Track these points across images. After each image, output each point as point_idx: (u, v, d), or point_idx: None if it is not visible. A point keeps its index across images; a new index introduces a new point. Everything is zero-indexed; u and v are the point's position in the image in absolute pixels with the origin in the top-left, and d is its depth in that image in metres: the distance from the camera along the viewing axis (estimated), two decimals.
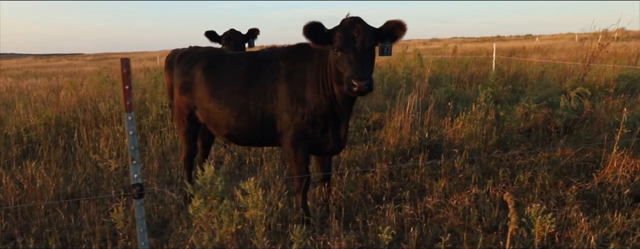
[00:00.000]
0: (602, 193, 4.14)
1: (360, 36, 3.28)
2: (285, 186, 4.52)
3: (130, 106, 2.25)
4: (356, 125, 6.97)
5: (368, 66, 3.34)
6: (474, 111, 6.37)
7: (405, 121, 6.37)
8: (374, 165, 5.03)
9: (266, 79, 3.83)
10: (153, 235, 3.83)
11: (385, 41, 3.50)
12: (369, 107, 7.92)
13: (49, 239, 3.54)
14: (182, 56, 4.52)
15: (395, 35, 3.47)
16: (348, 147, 5.84)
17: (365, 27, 3.35)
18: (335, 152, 3.99)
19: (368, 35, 3.32)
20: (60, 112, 8.27)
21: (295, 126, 3.71)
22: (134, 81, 11.68)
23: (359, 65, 3.23)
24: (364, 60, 3.28)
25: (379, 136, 6.25)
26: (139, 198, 2.39)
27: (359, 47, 3.27)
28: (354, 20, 3.37)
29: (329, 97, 3.59)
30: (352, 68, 3.22)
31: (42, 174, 4.72)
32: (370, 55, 3.39)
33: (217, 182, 2.66)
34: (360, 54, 3.27)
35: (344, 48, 3.28)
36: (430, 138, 5.78)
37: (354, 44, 3.27)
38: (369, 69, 3.36)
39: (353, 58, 3.25)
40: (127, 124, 2.31)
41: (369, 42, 3.33)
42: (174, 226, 3.91)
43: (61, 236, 3.72)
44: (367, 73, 3.25)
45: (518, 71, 12.46)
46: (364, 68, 3.24)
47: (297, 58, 3.75)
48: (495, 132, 5.87)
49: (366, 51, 3.31)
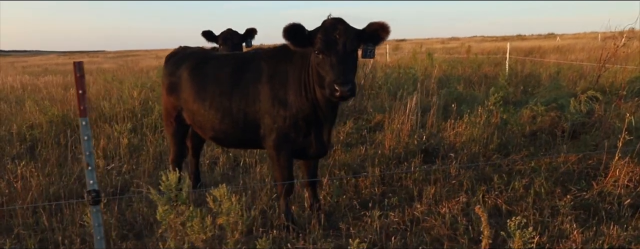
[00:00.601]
0: (601, 203, 3.94)
1: (342, 38, 3.16)
2: (275, 189, 4.43)
3: (84, 110, 2.19)
4: (357, 127, 6.85)
5: (350, 69, 3.22)
6: (478, 113, 6.19)
7: (405, 123, 6.24)
8: (367, 169, 4.91)
9: (249, 81, 3.75)
10: (136, 238, 3.80)
11: (368, 43, 3.38)
12: (372, 109, 7.77)
13: (28, 240, 3.53)
14: (171, 57, 4.48)
15: (378, 37, 3.35)
16: (344, 150, 5.74)
17: (347, 29, 3.23)
18: (319, 156, 3.89)
19: (350, 37, 3.20)
20: (67, 110, 8.37)
21: (277, 129, 3.62)
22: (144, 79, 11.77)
23: (340, 68, 3.11)
24: (346, 64, 3.16)
25: (378, 139, 6.11)
26: (94, 205, 2.33)
27: (341, 49, 3.15)
28: (336, 21, 3.26)
29: (311, 100, 3.48)
30: (334, 72, 3.10)
31: (33, 173, 4.74)
32: (353, 58, 3.27)
33: (182, 188, 2.59)
34: (342, 56, 3.15)
35: (326, 50, 3.16)
36: (428, 141, 5.62)
37: (336, 47, 3.15)
38: (352, 72, 3.25)
39: (335, 61, 3.13)
40: (82, 129, 2.25)
41: (351, 44, 3.21)
42: (156, 229, 3.87)
43: (42, 237, 3.71)
44: (349, 77, 3.13)
45: (532, 71, 12.13)
46: (346, 72, 3.12)
47: (280, 59, 3.65)
48: (497, 136, 5.67)
49: (348, 54, 3.19)
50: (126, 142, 6.20)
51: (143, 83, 9.77)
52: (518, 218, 2.77)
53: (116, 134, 6.31)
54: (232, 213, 2.97)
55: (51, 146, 6.27)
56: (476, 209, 2.50)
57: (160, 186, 2.71)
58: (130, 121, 7.31)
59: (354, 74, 3.33)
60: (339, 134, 6.40)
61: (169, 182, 2.61)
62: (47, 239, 3.69)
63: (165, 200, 2.63)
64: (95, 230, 2.36)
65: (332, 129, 3.78)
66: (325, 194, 4.33)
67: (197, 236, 2.86)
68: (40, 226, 3.88)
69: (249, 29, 6.23)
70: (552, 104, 7.20)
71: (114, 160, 5.83)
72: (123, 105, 8.14)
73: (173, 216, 2.66)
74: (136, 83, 9.38)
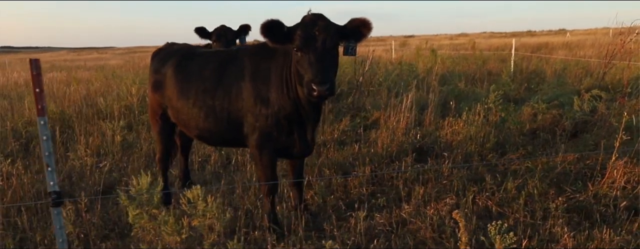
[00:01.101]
0: (596, 205, 3.80)
1: (321, 35, 3.05)
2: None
3: (42, 110, 2.12)
4: (353, 124, 6.74)
5: (330, 68, 3.11)
6: (477, 110, 6.05)
7: (400, 121, 6.12)
8: (358, 168, 4.81)
9: (231, 78, 3.66)
10: (118, 238, 3.74)
11: (350, 40, 3.27)
12: (370, 106, 7.65)
13: (6, 240, 3.49)
14: (156, 54, 4.40)
15: (360, 33, 3.23)
16: (337, 148, 5.64)
17: (328, 25, 3.12)
18: (303, 156, 3.79)
19: (330, 34, 3.09)
20: (66, 106, 8.36)
21: (259, 128, 3.54)
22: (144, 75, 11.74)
23: (319, 67, 3.00)
24: (326, 62, 3.05)
25: (373, 137, 6.00)
26: (56, 207, 2.27)
27: (320, 46, 3.04)
28: (316, 17, 3.15)
29: (293, 99, 3.38)
30: (312, 70, 2.99)
31: (20, 171, 4.71)
32: (332, 55, 3.16)
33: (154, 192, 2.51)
34: (322, 54, 3.04)
35: (304, 48, 3.05)
36: (422, 140, 5.50)
37: (315, 43, 3.04)
38: (331, 71, 3.14)
39: (313, 59, 3.02)
40: (40, 128, 2.18)
41: (331, 41, 3.10)
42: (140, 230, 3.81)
43: (22, 236, 3.66)
44: (328, 76, 3.02)
45: (538, 68, 11.90)
46: (324, 71, 3.01)
47: (263, 56, 3.56)
48: (495, 135, 5.53)
49: (328, 51, 3.08)
50: (119, 139, 6.16)
51: (142, 79, 9.73)
52: (499, 223, 2.65)
53: (109, 131, 6.26)
54: (209, 214, 2.89)
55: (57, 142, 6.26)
56: (454, 215, 2.38)
57: (130, 190, 2.64)
58: (127, 118, 7.28)
59: (334, 72, 3.22)
60: (333, 132, 6.31)
61: (139, 187, 2.54)
62: (27, 239, 3.64)
63: (136, 204, 2.55)
64: (56, 233, 2.29)
65: (316, 127, 3.68)
66: (313, 194, 4.24)
67: (171, 238, 2.79)
68: (22, 225, 3.84)
69: (243, 26, 6.13)
70: (554, 101, 7.04)
71: (106, 158, 5.81)
72: (121, 102, 8.11)
73: (144, 220, 2.58)
74: (135, 79, 9.34)
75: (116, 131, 6.26)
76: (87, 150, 5.42)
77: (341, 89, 8.57)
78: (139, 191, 2.54)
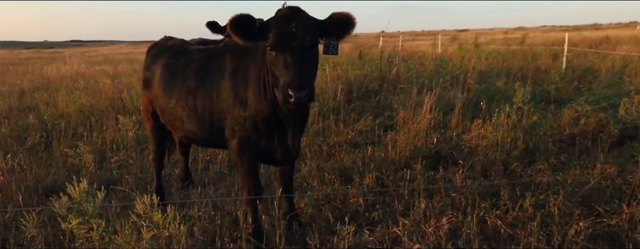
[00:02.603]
0: (631, 232, 3.21)
1: (299, 32, 2.68)
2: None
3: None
4: (373, 125, 6.32)
5: (308, 70, 2.75)
6: (507, 112, 5.46)
7: (420, 123, 5.64)
8: (364, 175, 4.42)
9: (213, 77, 3.39)
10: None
11: (331, 37, 2.90)
12: (396, 104, 7.17)
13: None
14: (150, 49, 4.23)
15: (342, 30, 2.85)
16: (349, 151, 5.26)
17: (306, 21, 2.76)
18: (286, 162, 3.45)
19: (309, 31, 2.73)
20: (97, 100, 8.50)
21: (238, 131, 3.25)
22: None
23: (296, 69, 2.63)
24: (304, 63, 2.69)
25: (391, 139, 5.55)
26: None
27: (298, 45, 2.68)
28: (292, 11, 2.78)
29: (270, 101, 3.03)
30: (289, 73, 2.63)
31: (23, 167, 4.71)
32: (312, 55, 2.80)
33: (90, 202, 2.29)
34: (299, 54, 2.68)
35: (279, 47, 2.69)
36: (439, 144, 5.01)
37: (291, 42, 2.67)
38: (310, 73, 2.78)
39: (290, 60, 2.65)
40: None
41: (310, 39, 2.74)
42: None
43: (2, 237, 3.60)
44: (306, 80, 2.67)
45: (594, 64, 10.85)
46: (302, 74, 2.65)
47: (244, 53, 3.24)
48: (524, 141, 4.94)
49: (306, 51, 2.72)
50: (132, 135, 6.11)
51: None
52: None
53: (123, 126, 6.22)
54: (172, 226, 2.65)
55: (69, 136, 6.32)
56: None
57: (72, 197, 2.43)
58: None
59: (314, 74, 2.86)
60: (348, 133, 5.93)
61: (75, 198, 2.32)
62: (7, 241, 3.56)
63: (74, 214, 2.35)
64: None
65: (301, 132, 3.34)
66: (305, 203, 3.91)
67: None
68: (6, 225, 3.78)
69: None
70: (603, 103, 6.26)
71: (118, 154, 5.75)
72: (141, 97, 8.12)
73: (84, 231, 2.37)
74: None
75: (130, 126, 6.20)
76: (87, 146, 5.32)
77: (368, 86, 8.14)
78: (74, 201, 2.33)
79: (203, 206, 4.11)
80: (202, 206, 4.11)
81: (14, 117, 7.62)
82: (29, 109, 8.55)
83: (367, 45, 20.15)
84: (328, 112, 6.89)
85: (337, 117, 6.58)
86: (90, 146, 5.85)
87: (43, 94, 9.99)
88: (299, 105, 2.73)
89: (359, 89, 8.22)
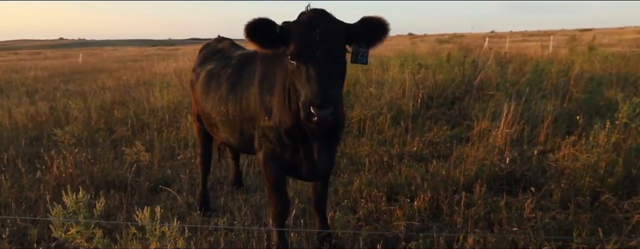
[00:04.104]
0: None
1: (324, 39, 2.33)
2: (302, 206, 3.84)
3: None
4: (446, 136, 5.73)
5: (334, 84, 2.39)
6: (608, 129, 4.57)
7: (498, 137, 4.97)
8: (417, 194, 3.95)
9: (244, 83, 3.22)
10: None
11: (360, 44, 2.53)
12: (479, 114, 6.45)
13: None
14: (201, 50, 4.20)
15: (374, 37, 2.49)
16: (410, 165, 4.77)
17: (333, 26, 2.41)
18: (312, 178, 3.13)
19: (336, 39, 2.39)
20: (184, 97, 8.91)
21: (264, 142, 3.02)
22: None
23: (320, 83, 2.28)
24: (329, 76, 2.33)
25: (462, 153, 4.95)
26: None
27: (323, 56, 2.32)
28: (317, 14, 2.44)
29: (295, 112, 2.73)
30: (311, 88, 2.29)
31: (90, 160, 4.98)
32: (339, 66, 2.44)
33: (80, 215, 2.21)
34: (324, 66, 2.32)
35: (301, 57, 2.36)
36: (513, 165, 4.32)
37: (315, 52, 2.32)
38: (336, 88, 2.42)
39: (313, 73, 2.30)
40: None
41: (337, 48, 2.39)
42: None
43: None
44: (331, 96, 2.29)
45: None
46: (326, 89, 2.29)
47: (272, 59, 2.98)
48: (623, 166, 4.07)
49: (332, 62, 2.37)
50: None
51: None
52: None
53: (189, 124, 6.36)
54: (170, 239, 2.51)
55: (155, 131, 6.62)
56: None
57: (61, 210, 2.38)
58: None
59: (340, 89, 2.51)
60: (413, 144, 5.42)
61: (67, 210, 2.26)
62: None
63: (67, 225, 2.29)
64: None
65: (331, 147, 2.99)
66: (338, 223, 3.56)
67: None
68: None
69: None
70: None
71: (185, 151, 5.89)
72: None
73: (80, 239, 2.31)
74: None
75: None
76: (143, 145, 5.46)
77: (454, 91, 7.44)
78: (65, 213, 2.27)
79: (244, 214, 4.01)
80: (241, 214, 4.01)
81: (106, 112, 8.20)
82: (125, 104, 9.22)
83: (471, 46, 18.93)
84: (402, 119, 6.41)
85: (412, 124, 6.09)
86: (161, 142, 6.11)
87: (142, 90, 10.77)
88: (323, 125, 2.38)
89: (441, 94, 7.58)
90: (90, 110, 7.99)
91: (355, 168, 4.87)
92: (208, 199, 4.24)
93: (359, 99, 7.25)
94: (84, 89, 11.67)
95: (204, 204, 4.15)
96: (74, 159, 4.85)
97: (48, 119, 7.65)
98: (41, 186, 4.43)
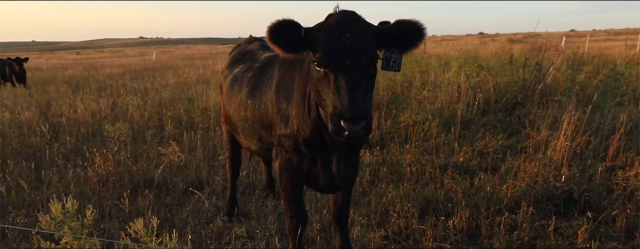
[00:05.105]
0: None
1: (355, 46, 2.10)
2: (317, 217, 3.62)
3: None
4: (498, 145, 5.23)
5: (365, 95, 2.13)
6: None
7: (557, 151, 4.44)
8: (453, 211, 3.59)
9: (262, 88, 3.05)
10: None
11: (392, 50, 2.26)
12: (539, 120, 5.84)
13: None
14: (232, 50, 4.10)
15: (408, 42, 2.22)
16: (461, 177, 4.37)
17: (364, 31, 2.15)
18: (330, 191, 2.89)
19: (368, 45, 2.14)
20: None
21: (280, 151, 2.84)
22: None
23: (351, 95, 2.04)
24: (360, 86, 2.09)
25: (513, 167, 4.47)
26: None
27: (353, 64, 2.09)
28: (347, 16, 2.19)
29: (314, 120, 2.53)
30: (341, 100, 2.05)
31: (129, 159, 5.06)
32: (369, 75, 2.19)
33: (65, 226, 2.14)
34: (355, 75, 2.09)
35: (330, 65, 2.12)
36: (568, 183, 3.80)
37: (345, 59, 2.09)
38: (367, 99, 2.16)
39: (343, 83, 2.07)
40: None
41: (369, 55, 2.15)
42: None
43: None
44: (363, 108, 2.05)
45: None
46: (359, 100, 2.04)
47: (291, 63, 2.78)
48: None
49: (363, 70, 2.14)
50: None
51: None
52: None
53: None
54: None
55: (201, 130, 6.70)
56: None
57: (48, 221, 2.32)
58: None
59: (371, 99, 2.25)
60: (460, 154, 4.99)
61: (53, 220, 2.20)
62: None
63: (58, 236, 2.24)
64: None
65: (353, 156, 2.74)
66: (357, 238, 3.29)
67: None
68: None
69: None
70: None
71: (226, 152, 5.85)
72: None
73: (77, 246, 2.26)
74: None
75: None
76: (188, 144, 5.46)
77: (507, 97, 6.86)
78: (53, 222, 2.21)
79: (269, 222, 3.86)
80: (267, 222, 3.87)
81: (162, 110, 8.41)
82: (181, 101, 9.45)
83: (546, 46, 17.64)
84: (454, 125, 5.95)
85: (464, 131, 5.65)
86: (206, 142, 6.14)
87: (199, 88, 11.03)
88: (354, 140, 2.12)
89: (500, 99, 7.01)
90: (146, 107, 8.26)
91: (395, 178, 4.57)
92: (235, 205, 4.13)
93: (411, 102, 6.85)
94: (147, 86, 12.13)
95: (230, 209, 4.06)
96: (114, 157, 4.95)
97: (107, 116, 8.01)
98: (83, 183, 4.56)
